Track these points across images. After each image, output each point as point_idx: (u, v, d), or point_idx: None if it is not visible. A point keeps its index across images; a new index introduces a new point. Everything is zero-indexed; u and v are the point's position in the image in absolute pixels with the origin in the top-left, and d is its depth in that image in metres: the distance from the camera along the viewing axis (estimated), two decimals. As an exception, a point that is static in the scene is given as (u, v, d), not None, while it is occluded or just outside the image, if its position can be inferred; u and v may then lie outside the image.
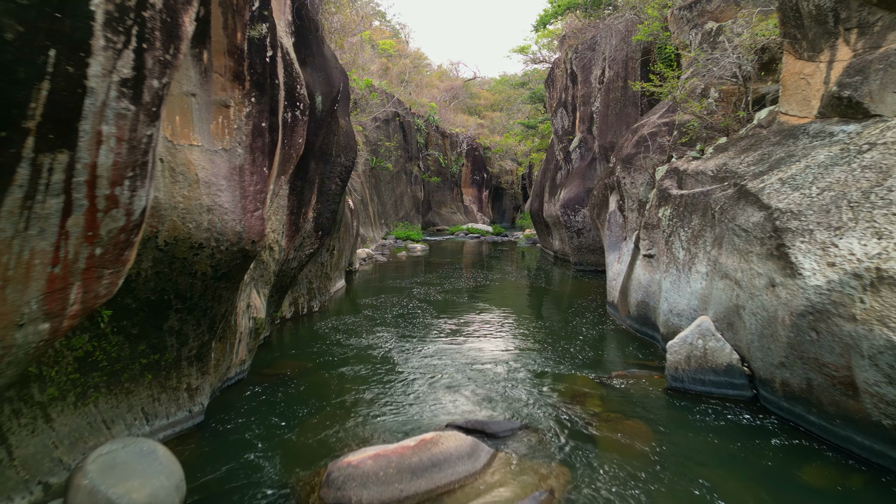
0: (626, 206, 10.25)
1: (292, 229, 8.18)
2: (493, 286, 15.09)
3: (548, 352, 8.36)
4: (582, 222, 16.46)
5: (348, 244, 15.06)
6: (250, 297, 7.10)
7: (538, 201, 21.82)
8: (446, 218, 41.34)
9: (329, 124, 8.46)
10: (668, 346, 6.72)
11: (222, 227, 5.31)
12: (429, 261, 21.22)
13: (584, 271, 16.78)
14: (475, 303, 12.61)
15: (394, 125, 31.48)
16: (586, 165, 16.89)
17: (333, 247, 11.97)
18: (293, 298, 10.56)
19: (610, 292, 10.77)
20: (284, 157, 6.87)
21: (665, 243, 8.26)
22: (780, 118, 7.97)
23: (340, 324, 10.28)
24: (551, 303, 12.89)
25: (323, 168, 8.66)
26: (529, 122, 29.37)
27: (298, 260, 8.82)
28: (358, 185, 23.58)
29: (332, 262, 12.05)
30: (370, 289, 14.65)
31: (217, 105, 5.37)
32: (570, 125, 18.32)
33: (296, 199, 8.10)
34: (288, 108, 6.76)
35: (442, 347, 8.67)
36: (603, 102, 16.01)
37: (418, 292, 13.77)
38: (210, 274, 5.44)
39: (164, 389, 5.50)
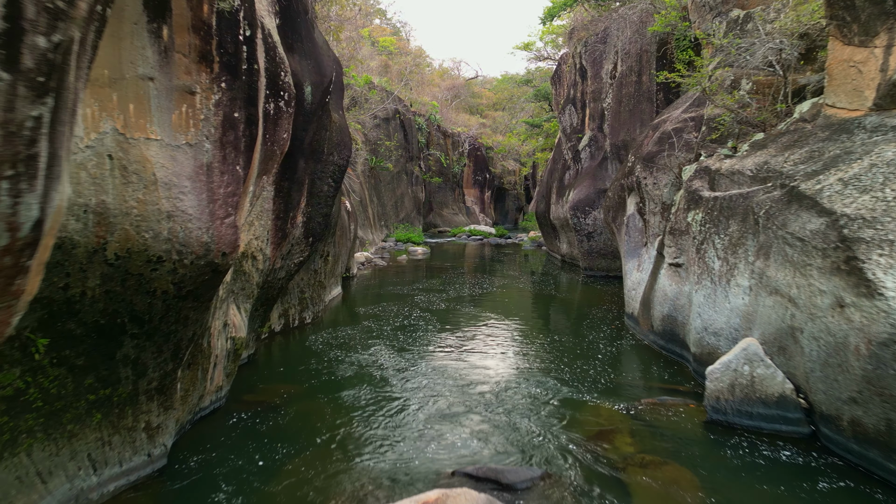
0: (647, 208, 9.37)
1: (279, 236, 7.30)
2: (499, 293, 14.20)
3: (563, 373, 7.47)
4: (593, 225, 15.57)
5: (345, 249, 14.19)
6: (228, 315, 6.23)
7: (544, 203, 20.93)
8: (448, 219, 40.46)
9: (320, 118, 7.59)
10: (709, 372, 5.83)
11: (185, 236, 4.44)
12: (430, 265, 20.35)
13: (594, 277, 15.89)
14: (480, 312, 11.73)
15: (394, 124, 30.61)
16: (597, 165, 16.00)
17: (328, 253, 11.10)
18: (283, 310, 9.69)
19: (628, 303, 9.89)
20: (266, 155, 6.00)
21: (696, 251, 7.37)
22: (827, 111, 7.09)
23: (335, 338, 9.40)
24: (563, 313, 12.00)
25: (313, 167, 7.78)
26: (534, 121, 28.48)
27: (287, 269, 7.94)
28: (357, 185, 22.73)
29: (326, 269, 11.18)
30: (369, 296, 13.77)
31: (180, 91, 4.50)
32: (579, 123, 17.44)
33: (282, 201, 7.22)
34: (270, 99, 5.89)
35: (445, 366, 7.79)
36: (615, 98, 15.12)
37: (419, 300, 12.89)
38: (172, 292, 4.57)
39: (116, 430, 4.62)
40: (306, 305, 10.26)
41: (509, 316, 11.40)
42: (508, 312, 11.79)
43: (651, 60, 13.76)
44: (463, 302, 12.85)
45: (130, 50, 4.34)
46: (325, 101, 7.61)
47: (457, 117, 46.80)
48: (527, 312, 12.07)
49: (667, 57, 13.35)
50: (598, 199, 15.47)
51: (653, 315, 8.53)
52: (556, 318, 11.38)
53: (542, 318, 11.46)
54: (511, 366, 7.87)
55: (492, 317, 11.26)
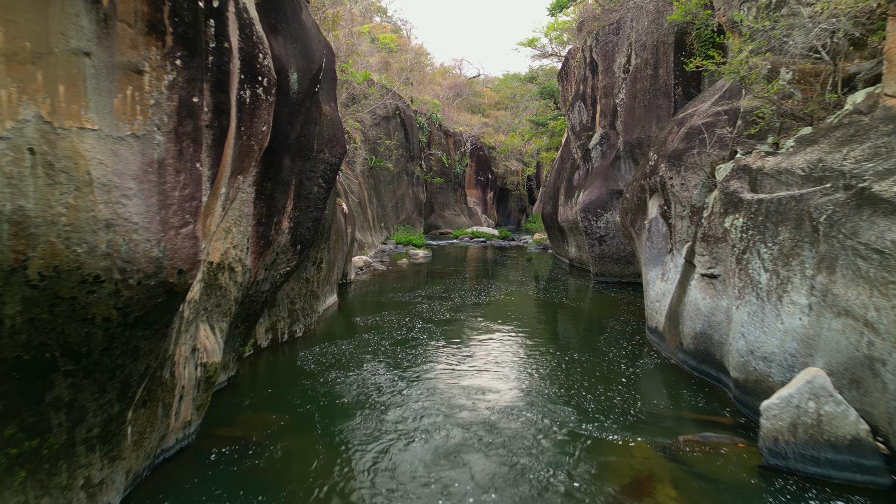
0: (673, 212, 8.47)
1: (261, 244, 6.42)
2: (505, 301, 13.30)
3: (584, 400, 6.58)
4: (605, 228, 14.67)
5: (341, 253, 13.31)
6: (197, 337, 5.33)
7: (551, 204, 20.03)
8: (450, 220, 39.58)
9: (308, 110, 6.70)
10: (765, 408, 4.93)
11: (130, 251, 3.57)
12: (432, 269, 19.46)
13: (606, 283, 14.99)
14: (487, 323, 10.84)
15: (394, 123, 29.73)
16: (609, 164, 15.10)
17: (321, 259, 10.21)
18: (270, 323, 8.79)
19: (651, 316, 8.98)
20: (242, 151, 5.11)
21: (736, 261, 6.47)
22: (886, 101, 6.19)
23: (328, 354, 8.51)
24: (576, 325, 11.10)
25: (301, 166, 6.89)
26: (539, 119, 27.59)
27: (272, 281, 7.06)
28: (355, 186, 21.86)
29: (319, 277, 10.29)
30: (367, 305, 12.88)
31: (124, 70, 3.62)
32: (590, 120, 16.54)
33: (265, 205, 6.33)
34: (246, 85, 5.00)
35: (451, 390, 6.90)
36: (629, 93, 14.23)
37: (421, 309, 12.00)
38: (116, 319, 3.70)
39: (46, 491, 3.73)
40: (297, 318, 9.37)
41: (519, 328, 10.50)
42: (517, 324, 10.89)
43: (669, 53, 12.87)
44: (467, 311, 11.96)
45: (61, 17, 3.47)
46: (315, 90, 6.72)
47: (458, 116, 45.92)
48: (537, 324, 11.17)
49: (686, 48, 12.46)
50: (611, 200, 14.57)
51: (682, 331, 7.63)
52: (569, 332, 10.48)
53: (555, 332, 10.56)
54: (526, 390, 6.98)
55: (500, 329, 10.36)
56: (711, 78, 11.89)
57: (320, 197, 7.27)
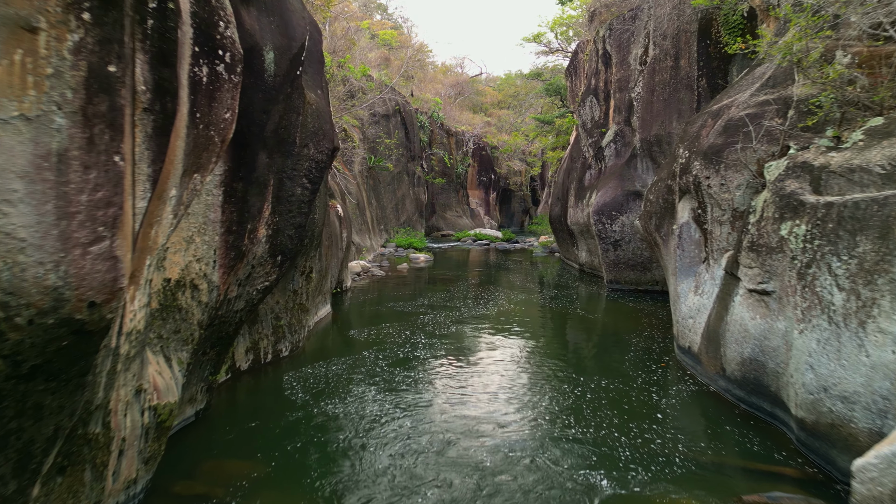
0: (710, 216, 7.43)
1: (231, 256, 5.39)
2: (514, 311, 12.27)
3: (612, 440, 5.54)
4: (620, 232, 13.63)
5: (335, 260, 12.28)
6: (144, 376, 4.31)
7: (559, 206, 19.00)
8: (451, 222, 38.55)
9: (289, 98, 5.68)
10: (859, 468, 3.88)
11: (14, 278, 2.56)
12: (433, 274, 18.43)
13: (621, 292, 13.94)
14: (494, 338, 9.81)
15: (395, 121, 28.72)
16: (624, 164, 14.06)
17: (311, 268, 9.19)
18: (252, 342, 7.77)
19: (682, 333, 7.95)
20: (198, 143, 4.09)
21: (797, 277, 5.44)
22: (980, 86, 5.15)
23: (317, 378, 7.49)
24: (594, 342, 10.06)
25: (281, 163, 5.87)
26: (545, 118, 26.57)
27: (247, 298, 6.03)
28: (353, 186, 20.85)
29: (309, 289, 9.27)
30: (363, 316, 11.85)
31: (11, 28, 2.62)
32: (602, 116, 15.51)
33: (235, 210, 5.31)
34: (202, 59, 3.98)
35: (460, 426, 5.87)
36: (646, 87, 13.19)
37: (422, 321, 10.98)
38: (3, 371, 2.68)
39: None
40: (283, 335, 8.34)
41: (530, 344, 9.47)
42: (528, 339, 9.86)
43: (691, 42, 11.84)
44: (472, 323, 10.93)
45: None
46: (296, 74, 5.70)
47: (460, 115, 44.89)
48: (550, 340, 10.13)
49: (711, 37, 11.43)
50: (627, 202, 13.54)
51: (724, 355, 6.59)
52: (587, 350, 9.44)
53: (571, 350, 9.52)
54: (546, 426, 5.95)
55: (509, 346, 9.33)
56: (742, 67, 10.86)
57: (304, 199, 6.24)
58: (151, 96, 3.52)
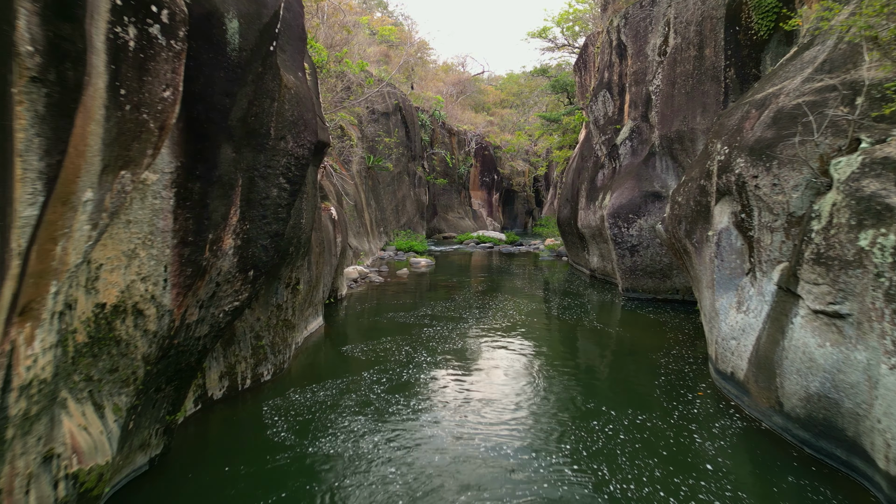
0: (758, 221, 6.40)
1: (188, 273, 4.37)
2: (523, 323, 11.24)
3: (663, 502, 4.52)
4: (637, 237, 12.59)
5: (328, 267, 11.26)
6: (56, 438, 3.29)
7: (569, 208, 17.96)
8: (453, 224, 37.53)
9: (261, 79, 4.66)
10: None
11: None
12: (435, 280, 17.41)
13: (638, 301, 12.90)
14: (503, 357, 8.79)
15: (395, 119, 27.70)
16: (641, 162, 13.03)
17: (297, 280, 8.17)
18: (227, 366, 6.76)
19: (723, 356, 6.92)
20: (124, 129, 3.07)
21: (885, 298, 4.41)
22: None
23: (302, 408, 6.48)
24: (617, 363, 9.02)
25: (252, 159, 4.85)
26: (551, 115, 25.53)
27: (212, 322, 5.01)
28: (351, 187, 19.84)
29: (295, 302, 8.25)
30: (359, 329, 10.84)
31: None
32: (616, 112, 14.48)
33: (192, 216, 4.29)
34: (127, 17, 2.98)
35: (465, 470, 4.84)
36: (666, 79, 12.17)
37: (423, 334, 9.96)
38: None
39: None
40: (264, 356, 7.33)
41: (548, 366, 8.45)
42: (545, 359, 8.83)
43: (717, 29, 10.82)
44: (479, 337, 9.90)
45: None
46: (269, 50, 4.68)
47: (462, 115, 43.86)
48: (570, 360, 9.10)
49: (741, 23, 10.40)
50: (645, 204, 12.50)
51: (781, 387, 5.56)
52: (614, 374, 8.39)
53: (596, 373, 8.49)
54: (578, 480, 4.92)
55: (525, 367, 8.31)
56: (778, 54, 9.83)
57: (282, 203, 5.22)
58: (42, 61, 2.51)
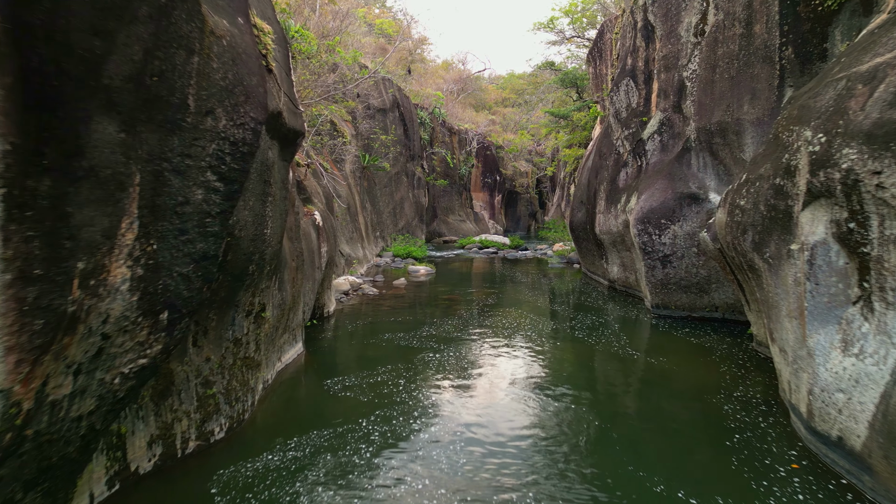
0: (878, 233, 4.72)
1: (40, 325, 2.66)
2: (544, 351, 9.53)
3: None
4: (671, 245, 10.88)
5: (311, 283, 9.55)
6: None
7: (583, 211, 16.25)
8: (454, 227, 35.82)
9: (167, 15, 2.97)
10: None
11: None
12: (436, 291, 15.70)
13: (670, 319, 11.19)
14: (522, 397, 7.08)
15: (392, 116, 26.01)
16: (674, 159, 11.33)
17: (262, 305, 6.45)
18: (160, 427, 5.03)
19: (822, 412, 5.21)
20: None
21: None
22: None
23: (262, 481, 4.76)
24: (666, 406, 7.29)
25: (158, 144, 3.14)
26: (560, 111, 23.84)
27: (102, 393, 3.32)
28: (344, 188, 18.12)
29: (261, 333, 6.53)
30: (347, 356, 9.12)
31: None
32: (642, 102, 12.79)
33: (39, 234, 2.57)
34: None
35: None
36: (705, 62, 10.48)
37: (423, 364, 8.26)
38: None
39: None
40: (215, 408, 5.61)
41: (586, 416, 6.73)
42: (580, 404, 7.12)
43: (771, 1, 9.14)
44: (490, 368, 8.19)
45: None
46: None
47: (463, 113, 42.17)
48: (605, 406, 7.38)
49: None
50: (680, 207, 10.80)
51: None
52: (662, 427, 6.66)
53: (639, 427, 6.76)
54: None
55: (556, 415, 6.61)
56: (850, 28, 8.13)
57: (213, 210, 3.51)
58: None
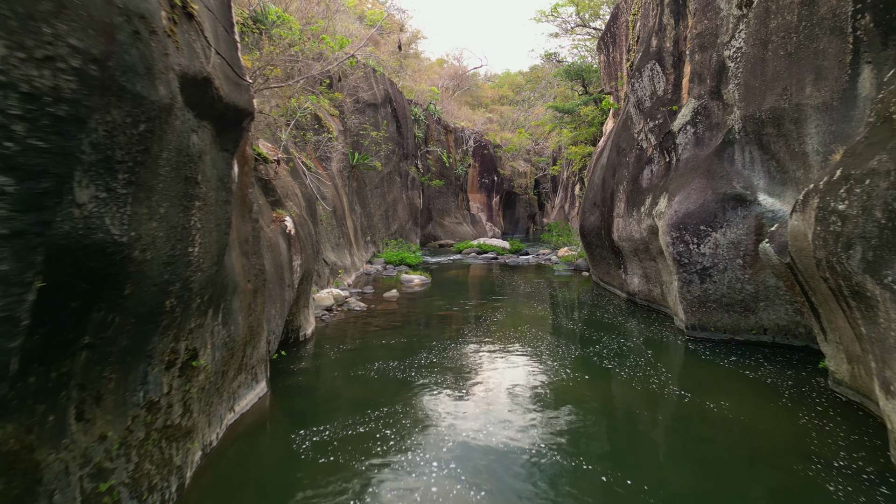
0: None
1: None
2: (565, 386, 7.80)
3: None
4: (711, 256, 9.18)
5: (279, 305, 7.76)
6: None
7: (597, 214, 14.56)
8: (450, 230, 34.06)
9: None
10: None
11: None
12: (433, 306, 13.93)
13: (710, 343, 9.48)
14: (556, 469, 5.33)
15: (384, 112, 24.24)
16: (712, 154, 9.64)
17: (195, 350, 4.65)
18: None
19: None
20: None
21: None
22: None
23: None
24: (739, 480, 5.55)
25: None
26: (565, 106, 22.18)
27: None
28: (329, 189, 16.33)
29: (192, 389, 4.72)
30: (323, 395, 7.34)
31: None
32: (670, 89, 11.12)
33: None
34: None
35: None
36: (753, 38, 8.81)
37: (419, 408, 6.49)
38: None
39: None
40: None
41: (635, 493, 4.99)
42: (612, 477, 5.37)
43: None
44: (508, 414, 6.44)
45: None
46: None
47: (459, 111, 40.46)
48: (652, 477, 5.64)
49: (884, -56, 7.06)
50: (723, 211, 9.09)
51: None
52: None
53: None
54: None
55: (589, 496, 4.85)
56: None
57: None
58: None
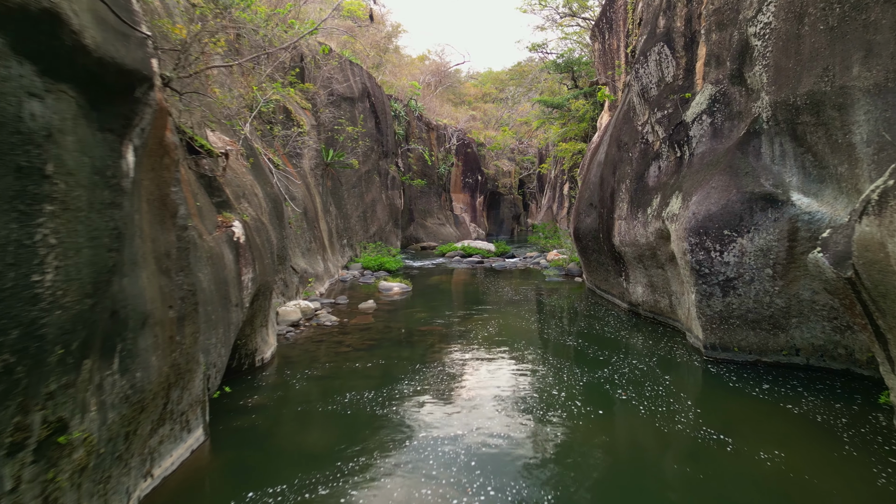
0: None
1: None
2: (577, 422, 6.46)
3: None
4: (736, 265, 7.95)
5: (222, 329, 6.25)
6: None
7: (595, 216, 13.31)
8: (433, 232, 32.63)
9: None
10: None
11: None
12: (413, 319, 12.50)
13: (734, 365, 8.25)
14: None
15: (362, 107, 22.71)
16: (734, 147, 8.42)
17: (62, 420, 3.15)
18: None
19: None
20: None
21: None
22: None
23: None
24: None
25: None
26: (554, 101, 20.98)
27: None
28: (300, 189, 14.77)
29: (64, 476, 3.24)
30: (278, 443, 5.85)
31: None
32: (681, 74, 9.90)
33: None
34: None
35: None
36: (784, 12, 7.61)
37: (396, 460, 5.06)
38: None
39: None
40: None
41: None
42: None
43: (897, -88, 6.35)
44: (502, 467, 5.05)
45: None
46: None
47: (441, 108, 39.07)
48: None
49: None
50: (751, 213, 7.85)
51: None
52: None
53: None
54: None
55: None
56: None
57: None
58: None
